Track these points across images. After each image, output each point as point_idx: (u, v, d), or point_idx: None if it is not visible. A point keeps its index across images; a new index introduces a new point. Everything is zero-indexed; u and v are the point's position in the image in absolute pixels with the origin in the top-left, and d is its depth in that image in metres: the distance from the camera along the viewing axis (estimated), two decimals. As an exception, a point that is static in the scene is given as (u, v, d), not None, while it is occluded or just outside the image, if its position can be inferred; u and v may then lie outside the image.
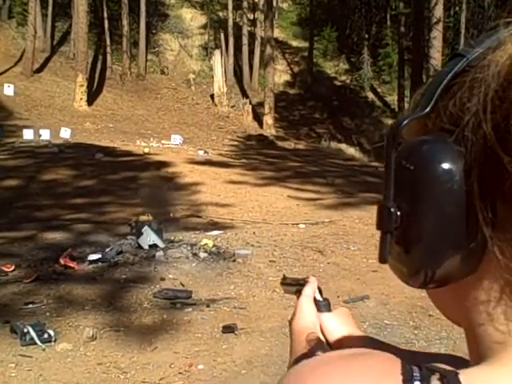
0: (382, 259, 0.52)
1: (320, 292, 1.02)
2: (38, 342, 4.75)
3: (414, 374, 0.47)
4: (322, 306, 0.99)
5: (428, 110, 0.51)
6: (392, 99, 28.71)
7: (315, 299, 1.00)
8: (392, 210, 0.50)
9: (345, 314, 0.97)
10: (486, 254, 0.48)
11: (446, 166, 0.48)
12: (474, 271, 0.49)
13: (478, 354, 0.51)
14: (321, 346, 0.91)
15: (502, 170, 0.46)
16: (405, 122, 0.51)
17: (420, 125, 0.53)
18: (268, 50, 24.52)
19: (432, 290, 0.53)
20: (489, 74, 0.48)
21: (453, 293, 0.52)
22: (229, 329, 5.06)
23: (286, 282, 1.19)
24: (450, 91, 0.51)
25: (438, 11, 22.46)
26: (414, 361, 0.50)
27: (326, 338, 0.94)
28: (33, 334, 4.79)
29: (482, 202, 0.47)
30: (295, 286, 1.12)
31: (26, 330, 4.82)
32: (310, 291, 1.00)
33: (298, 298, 1.05)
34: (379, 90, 30.57)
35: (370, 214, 9.85)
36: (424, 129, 0.53)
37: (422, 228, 0.49)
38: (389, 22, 32.35)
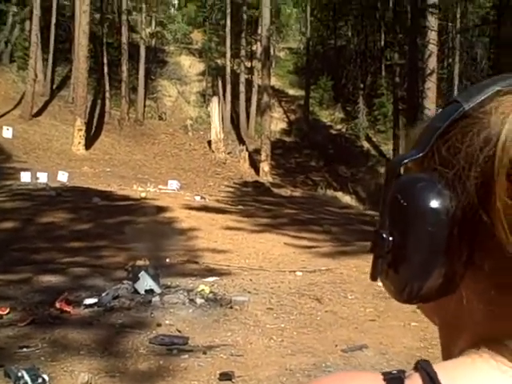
0: (373, 278, 0.61)
1: None
2: (32, 387, 4.68)
3: (392, 371, 0.56)
4: None
5: (424, 153, 0.58)
6: (387, 148, 29.01)
7: None
8: (385, 236, 0.58)
9: None
10: (462, 280, 0.56)
11: (433, 205, 0.55)
12: (452, 293, 0.57)
13: (448, 352, 0.61)
14: None
15: (480, 223, 0.52)
16: (403, 162, 0.59)
17: (418, 161, 0.59)
18: (265, 97, 24.87)
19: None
20: (478, 135, 0.54)
21: (435, 305, 0.60)
22: (226, 376, 5.00)
23: None
24: (445, 136, 0.57)
25: (432, 63, 22.92)
26: None
27: None
28: (27, 378, 4.71)
29: (459, 245, 0.54)
30: None
31: (20, 375, 4.75)
32: None
33: None
34: (374, 139, 30.91)
35: (367, 262, 9.81)
36: (421, 165, 0.59)
37: (410, 255, 0.56)
38: (383, 73, 32.94)
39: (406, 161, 0.58)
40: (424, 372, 0.54)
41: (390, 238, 0.57)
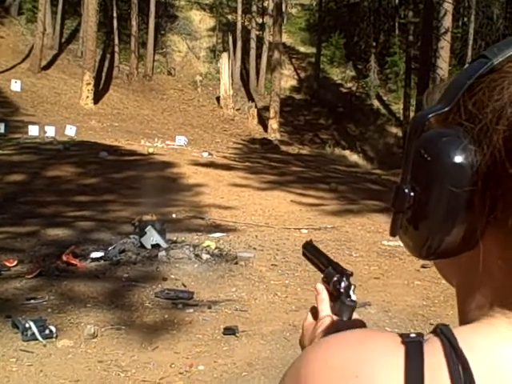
0: (393, 234, 0.60)
1: (351, 290, 0.97)
2: (39, 337, 4.76)
3: (411, 334, 0.56)
4: (347, 307, 0.94)
5: (450, 107, 0.57)
6: (397, 108, 28.73)
7: (344, 297, 0.96)
8: (406, 191, 0.57)
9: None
10: (482, 236, 0.55)
11: (458, 160, 0.54)
12: (471, 248, 0.56)
13: (464, 315, 0.60)
14: None
15: (506, 176, 0.52)
16: (429, 116, 0.57)
17: (441, 117, 0.58)
18: (276, 54, 24.56)
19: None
20: (507, 89, 0.53)
21: (453, 262, 0.59)
22: (230, 331, 5.07)
23: (309, 249, 1.10)
24: (472, 90, 0.56)
25: (447, 21, 22.49)
26: None
27: None
28: (34, 329, 4.79)
29: (481, 199, 0.54)
30: (318, 260, 1.05)
31: (27, 326, 4.82)
32: (325, 297, 0.98)
33: (322, 277, 1.01)
34: (385, 98, 30.59)
35: (373, 221, 9.86)
36: (444, 121, 0.58)
37: (431, 210, 0.56)
38: (397, 31, 32.38)
39: (431, 115, 0.57)
40: (444, 337, 0.54)
41: (412, 194, 0.57)
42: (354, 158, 22.18)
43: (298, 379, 0.57)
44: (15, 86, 21.37)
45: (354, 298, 0.97)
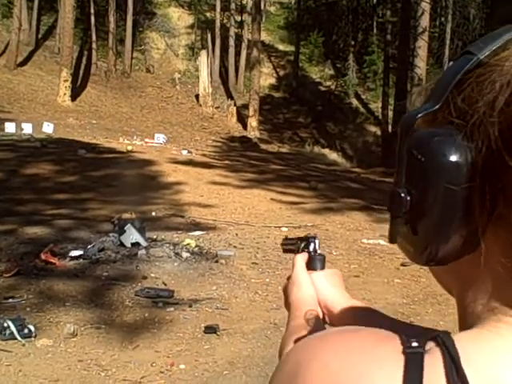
0: (392, 240, 0.58)
1: (317, 246, 1.04)
2: (17, 337, 4.70)
3: (411, 339, 0.53)
4: (318, 260, 1.01)
5: (440, 105, 0.55)
6: (376, 106, 28.91)
7: (311, 253, 1.02)
8: (402, 195, 0.55)
9: (336, 275, 1.01)
10: (483, 236, 0.53)
11: (453, 159, 0.53)
12: (471, 252, 0.55)
13: (466, 321, 0.57)
14: (319, 325, 0.92)
15: (505, 169, 0.50)
16: (418, 116, 0.56)
17: (430, 116, 0.57)
18: (254, 52, 24.56)
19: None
20: (497, 82, 0.52)
21: (452, 267, 0.57)
22: (211, 329, 5.05)
23: (285, 242, 1.21)
24: (460, 87, 0.55)
25: (424, 21, 22.68)
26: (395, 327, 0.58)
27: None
28: (13, 328, 4.73)
29: (481, 195, 0.52)
30: (291, 245, 1.14)
31: (5, 325, 4.76)
32: (302, 260, 1.03)
33: (294, 255, 1.08)
34: (363, 96, 30.75)
35: (352, 219, 9.92)
36: (434, 120, 0.57)
37: (429, 213, 0.54)
38: (375, 30, 32.58)
39: (420, 114, 0.56)
40: (445, 348, 0.52)
41: (408, 197, 0.55)
42: (333, 156, 22.28)
43: (296, 377, 0.55)
44: (-9, 82, 21.09)
45: (320, 252, 1.04)
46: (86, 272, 6.51)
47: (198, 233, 8.42)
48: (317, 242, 1.06)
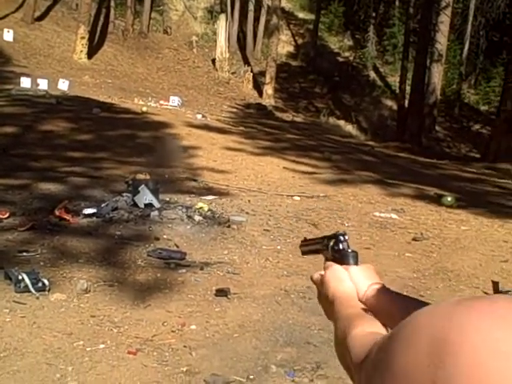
0: None
1: (348, 242, 1.05)
2: (32, 289, 4.76)
3: None
4: (351, 257, 1.02)
5: None
6: (394, 80, 28.59)
7: (345, 250, 1.04)
8: None
9: (370, 269, 1.02)
10: None
11: None
12: None
13: None
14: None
15: None
16: None
17: None
18: (274, 19, 24.27)
19: None
20: None
21: None
22: (222, 292, 5.10)
23: (305, 244, 1.21)
24: None
25: (448, -5, 22.29)
26: None
27: None
28: (27, 281, 4.79)
29: None
30: (316, 244, 1.14)
31: (20, 278, 4.82)
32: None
33: (323, 255, 1.09)
34: (382, 69, 30.40)
35: (365, 191, 9.90)
36: None
37: None
38: (397, 2, 32.05)
39: None
40: None
41: None
42: (348, 128, 22.14)
43: (445, 345, 0.50)
44: (7, 35, 20.95)
45: (353, 249, 1.05)
46: (99, 230, 6.56)
47: (210, 197, 8.44)
48: (347, 238, 1.06)
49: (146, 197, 7.35)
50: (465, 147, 25.48)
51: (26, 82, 15.08)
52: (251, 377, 3.76)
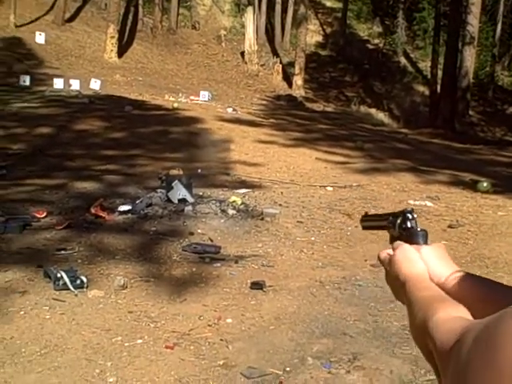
0: None
1: (416, 221, 1.01)
2: (70, 287, 4.85)
3: None
4: (421, 236, 0.98)
5: None
6: (425, 65, 28.18)
7: (414, 228, 0.99)
8: None
9: (441, 248, 0.97)
10: None
11: None
12: None
13: None
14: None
15: None
16: None
17: None
18: (301, 9, 24.14)
19: None
20: None
21: None
22: (257, 285, 5.12)
23: (367, 219, 1.19)
24: None
25: (479, -24, 21.85)
26: None
27: None
28: (66, 279, 4.88)
29: None
30: (379, 221, 1.11)
31: (59, 275, 4.91)
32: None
33: (388, 232, 1.05)
34: (412, 55, 29.99)
35: (399, 180, 9.80)
36: None
37: None
38: (426, -14, 31.53)
39: None
40: None
41: None
42: (379, 116, 21.92)
43: None
44: (39, 38, 21.29)
45: (421, 227, 1.00)
46: (134, 226, 6.64)
47: (243, 190, 8.47)
48: (415, 216, 1.02)
49: (179, 192, 7.42)
50: (500, 131, 25.00)
51: (58, 83, 15.34)
52: (288, 369, 3.78)
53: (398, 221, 1.02)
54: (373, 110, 22.92)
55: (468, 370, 0.56)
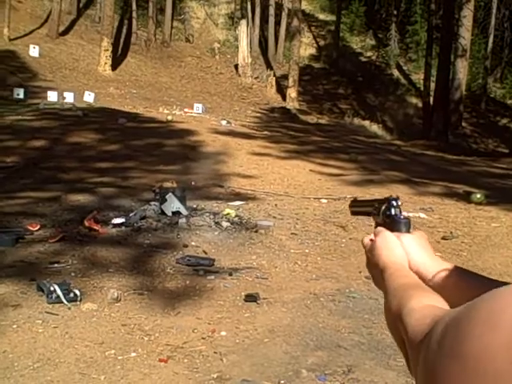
0: None
1: (400, 209, 1.00)
2: (64, 300, 4.82)
3: None
4: (403, 224, 0.97)
5: None
6: (418, 78, 28.36)
7: (397, 216, 0.99)
8: None
9: (423, 237, 0.97)
10: None
11: None
12: None
13: None
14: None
15: None
16: None
17: None
18: (295, 22, 24.27)
19: None
20: None
21: None
22: (251, 298, 5.10)
23: (355, 204, 1.18)
24: None
25: (470, -11, 22.04)
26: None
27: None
28: (59, 292, 4.86)
29: None
30: (366, 207, 1.11)
31: (52, 289, 4.89)
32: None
33: (373, 218, 1.05)
34: (405, 67, 30.18)
35: (392, 191, 9.81)
36: None
37: None
38: (418, -1, 31.81)
39: None
40: None
41: None
42: (373, 128, 22.01)
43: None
44: (33, 51, 21.33)
45: (405, 214, 1.00)
46: (128, 239, 6.62)
47: (237, 203, 8.46)
48: (400, 203, 1.02)
49: (173, 205, 7.41)
50: (492, 142, 25.13)
51: (52, 96, 15.33)
52: (282, 382, 3.76)
53: (383, 207, 1.02)
54: (366, 122, 23.01)
55: (436, 361, 0.55)
